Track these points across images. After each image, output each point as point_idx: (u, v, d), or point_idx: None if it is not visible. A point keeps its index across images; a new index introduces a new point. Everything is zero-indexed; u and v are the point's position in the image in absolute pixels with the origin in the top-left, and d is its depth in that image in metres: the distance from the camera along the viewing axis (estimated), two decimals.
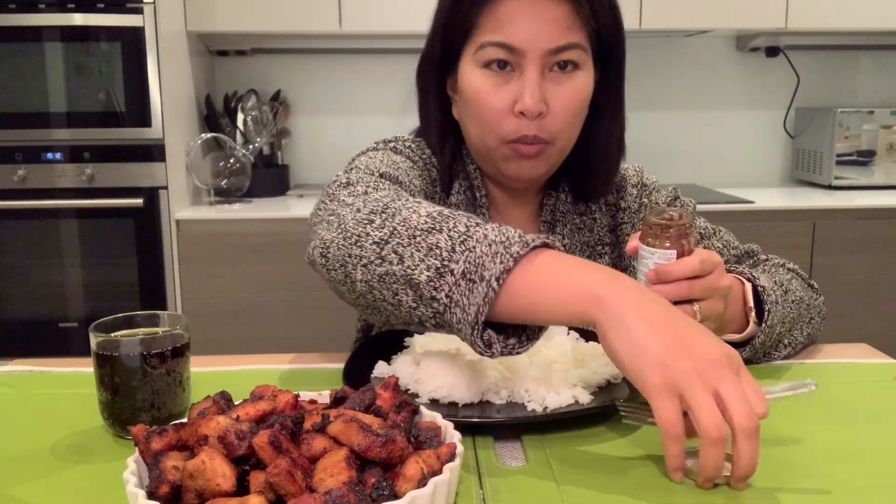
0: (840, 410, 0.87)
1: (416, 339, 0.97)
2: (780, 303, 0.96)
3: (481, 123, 1.03)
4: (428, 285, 0.72)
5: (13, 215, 2.51)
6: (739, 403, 0.61)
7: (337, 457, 0.56)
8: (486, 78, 1.01)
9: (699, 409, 0.62)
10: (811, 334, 1.05)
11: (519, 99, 0.99)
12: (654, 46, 3.11)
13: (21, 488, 0.69)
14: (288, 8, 2.64)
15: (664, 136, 3.13)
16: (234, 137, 2.82)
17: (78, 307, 2.55)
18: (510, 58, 0.99)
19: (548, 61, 0.99)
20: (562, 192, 1.14)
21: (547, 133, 1.01)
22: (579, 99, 1.02)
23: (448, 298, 0.71)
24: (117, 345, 0.78)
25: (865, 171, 2.89)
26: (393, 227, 0.76)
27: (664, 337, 0.65)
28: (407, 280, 0.73)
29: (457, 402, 0.83)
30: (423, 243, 0.73)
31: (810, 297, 1.07)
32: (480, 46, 1.00)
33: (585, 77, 1.02)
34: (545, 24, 0.97)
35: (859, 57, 3.16)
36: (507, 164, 1.05)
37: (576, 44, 0.99)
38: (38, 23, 2.41)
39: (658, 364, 0.64)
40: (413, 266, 0.73)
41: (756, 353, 0.97)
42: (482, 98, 1.01)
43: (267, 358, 1.07)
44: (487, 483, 0.69)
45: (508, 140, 1.02)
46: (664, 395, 0.63)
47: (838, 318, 2.61)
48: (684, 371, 0.63)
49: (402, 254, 0.74)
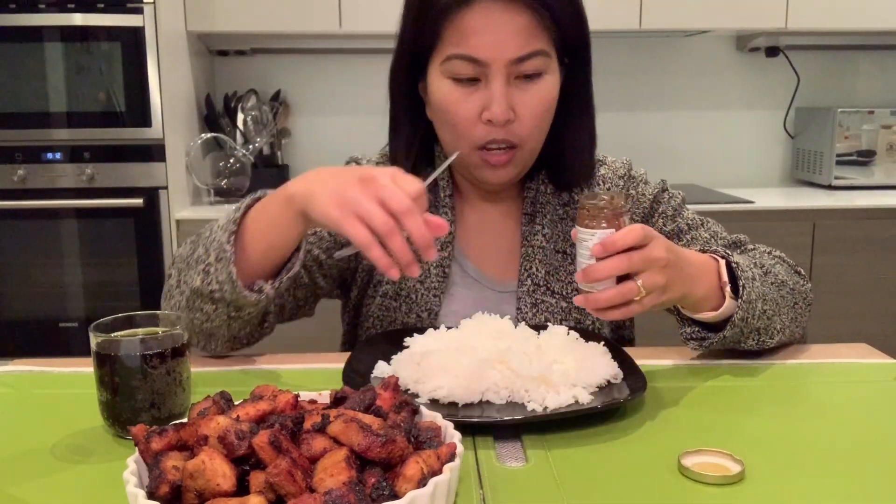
0: (840, 410, 0.87)
1: (416, 338, 0.97)
2: (758, 280, 0.97)
3: (452, 132, 1.06)
4: (204, 285, 0.94)
5: (13, 215, 2.50)
6: (392, 195, 0.80)
7: (337, 457, 0.56)
8: (454, 88, 1.03)
9: (369, 218, 0.80)
10: (796, 319, 1.05)
11: (487, 108, 1.01)
12: (654, 46, 3.11)
13: (21, 488, 0.69)
14: (288, 8, 2.63)
15: (664, 136, 3.13)
16: (234, 137, 2.82)
17: (78, 307, 2.55)
18: (476, 70, 1.01)
19: (513, 70, 1.01)
20: (541, 184, 1.15)
21: (516, 137, 1.04)
22: (546, 103, 1.04)
23: (218, 284, 0.93)
24: (117, 345, 0.78)
25: (865, 171, 2.89)
26: (179, 265, 1.00)
27: (334, 182, 0.85)
28: (195, 291, 0.95)
29: (457, 402, 0.83)
30: (192, 261, 0.96)
31: (795, 281, 1.07)
32: (446, 58, 1.02)
33: (551, 81, 1.04)
34: (508, 34, 0.99)
35: (859, 57, 3.16)
36: (479, 171, 1.08)
37: (539, 51, 1.01)
38: (38, 23, 2.40)
39: (335, 203, 0.83)
40: (191, 280, 0.95)
41: (742, 331, 0.96)
42: (451, 108, 1.04)
43: (267, 358, 1.07)
44: (487, 483, 0.69)
45: (479, 146, 1.04)
46: (347, 220, 0.81)
47: (838, 318, 2.62)
48: (351, 196, 0.82)
49: (185, 280, 0.97)
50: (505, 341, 0.91)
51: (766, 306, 0.97)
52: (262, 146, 2.88)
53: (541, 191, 1.15)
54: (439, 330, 0.98)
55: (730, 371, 0.98)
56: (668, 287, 0.87)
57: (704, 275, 0.94)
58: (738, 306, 0.94)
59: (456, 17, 1.00)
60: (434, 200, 1.15)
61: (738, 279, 0.95)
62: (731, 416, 0.85)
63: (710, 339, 0.97)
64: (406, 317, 1.13)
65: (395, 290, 1.14)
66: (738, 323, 0.95)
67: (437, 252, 1.06)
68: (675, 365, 1.01)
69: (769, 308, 0.98)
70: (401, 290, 1.13)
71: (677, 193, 1.18)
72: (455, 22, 1.00)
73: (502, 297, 1.14)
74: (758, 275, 0.99)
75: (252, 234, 0.94)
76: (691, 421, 0.83)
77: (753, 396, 0.91)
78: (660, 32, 2.97)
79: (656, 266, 0.85)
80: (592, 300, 0.85)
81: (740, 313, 0.94)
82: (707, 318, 0.96)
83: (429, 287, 1.13)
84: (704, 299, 0.95)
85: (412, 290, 1.13)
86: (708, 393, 0.91)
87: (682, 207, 1.18)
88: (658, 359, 1.03)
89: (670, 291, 0.88)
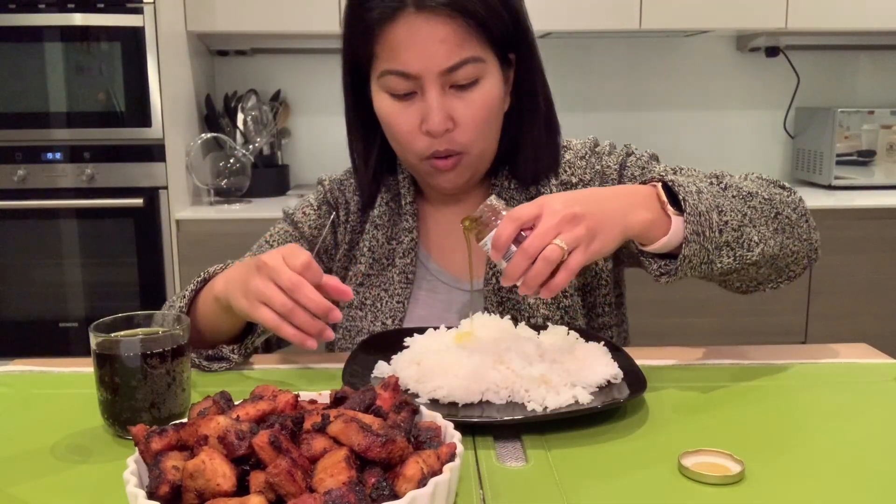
0: (840, 410, 0.87)
1: (416, 338, 0.97)
2: (706, 193, 0.92)
3: (397, 143, 1.07)
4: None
5: (13, 215, 2.50)
6: (279, 275, 0.87)
7: (337, 457, 0.56)
8: (392, 102, 1.04)
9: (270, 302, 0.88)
10: (784, 230, 0.98)
11: (425, 119, 1.01)
12: (654, 46, 3.11)
13: (21, 488, 0.69)
14: (288, 8, 2.63)
15: (664, 136, 3.13)
16: (234, 137, 2.82)
17: (78, 307, 2.55)
18: (410, 84, 1.01)
19: (446, 80, 1.00)
20: (504, 180, 1.14)
21: (458, 145, 1.04)
22: (485, 107, 1.03)
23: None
24: (117, 345, 0.78)
25: (865, 171, 2.89)
26: None
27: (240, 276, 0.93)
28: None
29: (457, 402, 0.83)
30: None
31: (772, 192, 1.01)
32: (381, 74, 1.03)
33: (490, 84, 1.03)
34: (434, 45, 0.98)
35: (859, 57, 3.16)
36: (430, 178, 1.09)
37: (469, 58, 1.00)
38: (38, 23, 2.40)
39: (242, 295, 0.91)
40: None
41: (705, 248, 0.90)
42: (391, 121, 1.04)
43: (267, 358, 1.07)
44: (487, 483, 0.69)
45: (423, 157, 1.05)
46: (255, 309, 0.89)
47: (838, 318, 2.62)
48: (252, 287, 0.89)
49: None
50: (505, 341, 0.91)
51: (728, 217, 0.92)
52: (262, 146, 2.88)
53: (505, 187, 1.14)
54: (439, 330, 0.98)
55: (730, 371, 0.98)
56: (596, 232, 0.84)
57: (639, 202, 0.90)
58: (686, 220, 0.89)
59: (383, 33, 1.00)
60: (397, 209, 1.16)
61: (677, 195, 0.90)
62: (731, 416, 0.85)
63: (674, 266, 0.91)
64: (372, 325, 1.13)
65: (360, 300, 1.15)
66: (693, 238, 0.88)
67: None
68: (675, 365, 1.01)
69: (732, 219, 0.92)
70: (365, 299, 1.15)
71: (644, 153, 1.15)
72: (383, 38, 1.00)
73: (469, 296, 1.13)
74: (709, 189, 0.94)
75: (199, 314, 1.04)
76: (691, 421, 0.83)
77: (753, 396, 0.90)
78: (660, 32, 2.97)
79: (565, 224, 0.83)
80: (529, 278, 0.83)
81: (690, 227, 0.88)
82: (660, 245, 0.91)
83: (392, 294, 1.13)
84: (650, 226, 0.89)
85: (377, 299, 1.14)
86: (708, 393, 0.91)
87: (650, 163, 1.14)
88: (658, 359, 1.03)
89: (601, 235, 0.85)
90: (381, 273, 1.15)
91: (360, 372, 0.92)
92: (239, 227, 2.54)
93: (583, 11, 2.68)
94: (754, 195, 0.97)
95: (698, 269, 0.92)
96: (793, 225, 1.00)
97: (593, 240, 0.84)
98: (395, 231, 1.15)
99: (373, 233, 1.15)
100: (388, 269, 1.15)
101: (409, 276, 1.13)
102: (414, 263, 1.14)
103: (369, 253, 1.15)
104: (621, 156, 1.15)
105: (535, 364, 0.87)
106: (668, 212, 0.90)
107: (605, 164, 1.15)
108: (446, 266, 1.16)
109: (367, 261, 1.15)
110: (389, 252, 1.15)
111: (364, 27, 1.01)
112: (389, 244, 1.15)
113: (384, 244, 1.15)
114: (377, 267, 1.15)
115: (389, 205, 1.16)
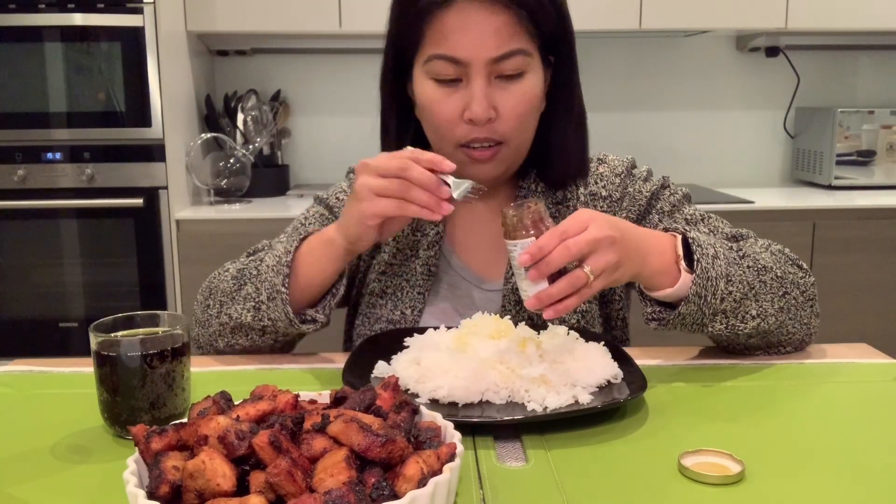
0: (840, 410, 0.87)
1: (416, 339, 0.97)
2: (722, 259, 0.94)
3: (435, 130, 1.07)
4: (255, 321, 1.03)
5: (13, 215, 2.50)
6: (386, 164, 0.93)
7: (337, 457, 0.56)
8: (436, 88, 1.04)
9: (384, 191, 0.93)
10: (789, 310, 1.00)
11: (468, 107, 1.02)
12: (654, 46, 3.11)
13: (21, 488, 0.69)
14: (288, 8, 2.63)
15: (664, 136, 3.12)
16: (234, 137, 2.82)
17: (78, 307, 2.55)
18: (457, 70, 1.02)
19: (493, 69, 1.01)
20: (532, 182, 1.15)
21: (498, 135, 1.04)
22: (527, 101, 1.04)
23: (270, 321, 1.02)
24: (117, 345, 0.78)
25: (865, 171, 2.89)
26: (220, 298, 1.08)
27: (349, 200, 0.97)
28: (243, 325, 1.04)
29: (457, 402, 0.83)
30: (238, 297, 1.05)
31: (787, 271, 1.02)
32: (428, 59, 1.03)
33: (533, 79, 1.04)
34: (487, 34, 0.99)
35: (859, 57, 3.16)
36: (463, 168, 1.08)
37: (518, 50, 1.01)
38: (38, 23, 2.40)
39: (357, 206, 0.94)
40: (238, 314, 1.04)
41: (702, 311, 0.93)
42: (433, 107, 1.04)
43: (267, 358, 1.07)
44: (487, 483, 0.69)
45: (462, 144, 1.05)
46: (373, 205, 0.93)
47: (838, 318, 2.62)
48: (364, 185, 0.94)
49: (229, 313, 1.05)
50: (505, 341, 0.91)
51: (734, 287, 0.94)
52: (262, 146, 2.88)
53: (532, 189, 1.15)
54: (439, 330, 0.98)
55: (730, 371, 0.98)
56: (621, 263, 0.87)
57: (658, 250, 0.93)
58: (693, 281, 0.91)
59: (436, 18, 1.01)
60: None
61: (693, 253, 0.93)
62: (731, 416, 0.85)
63: (667, 317, 0.95)
64: (391, 313, 1.14)
65: (382, 287, 1.15)
66: (694, 299, 0.92)
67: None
68: (675, 365, 1.01)
69: (738, 290, 0.94)
70: (387, 287, 1.15)
71: (679, 190, 1.17)
72: (435, 22, 1.01)
73: (488, 295, 1.14)
74: (726, 255, 0.96)
75: (301, 275, 1.02)
76: (691, 421, 0.83)
77: (753, 396, 0.90)
78: (660, 32, 2.97)
79: (604, 245, 0.85)
80: (546, 296, 0.84)
81: (695, 288, 0.91)
82: (663, 294, 0.94)
83: (414, 284, 1.14)
84: (659, 274, 0.93)
85: (398, 288, 1.15)
86: (708, 393, 0.91)
87: (682, 204, 1.16)
88: (658, 359, 1.03)
89: (622, 268, 0.88)
90: (403, 263, 1.15)
91: (360, 372, 0.92)
92: (239, 227, 2.54)
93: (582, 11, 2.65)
94: (768, 269, 1.00)
95: (689, 327, 0.96)
96: (797, 307, 1.02)
97: (616, 270, 0.87)
98: (421, 222, 1.15)
99: None
100: (411, 260, 1.15)
101: (431, 268, 1.14)
102: (437, 256, 1.14)
103: (393, 242, 1.16)
104: (656, 186, 1.16)
105: (535, 364, 0.87)
106: (680, 267, 0.94)
107: (637, 189, 1.16)
108: (468, 262, 1.16)
109: (392, 250, 1.16)
110: (414, 243, 1.15)
111: (416, 10, 1.02)
112: (414, 235, 1.15)
113: (409, 234, 1.15)
114: (400, 257, 1.16)
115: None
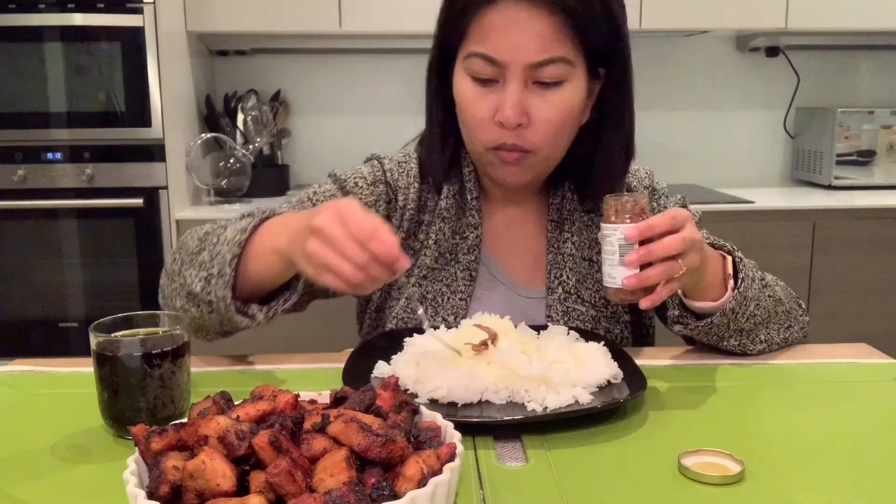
0: (840, 410, 0.87)
1: (415, 338, 0.97)
2: (757, 283, 1.00)
3: (467, 129, 1.06)
4: (203, 293, 0.96)
5: (13, 215, 2.50)
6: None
7: (337, 457, 0.56)
8: (472, 86, 1.03)
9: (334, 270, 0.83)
10: (787, 340, 1.07)
11: (500, 109, 1.00)
12: (654, 46, 3.10)
13: (21, 488, 0.69)
14: (288, 8, 2.63)
15: (664, 136, 3.13)
16: (234, 137, 2.82)
17: (78, 307, 2.55)
18: (494, 70, 1.00)
19: (531, 74, 0.99)
20: (567, 192, 1.14)
21: (527, 143, 1.02)
22: (563, 111, 1.02)
23: (215, 297, 0.95)
24: (117, 345, 0.78)
25: (865, 171, 2.88)
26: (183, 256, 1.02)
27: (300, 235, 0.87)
28: (193, 293, 0.97)
29: (457, 402, 0.83)
30: (196, 261, 0.98)
31: (793, 307, 1.10)
32: (467, 55, 1.02)
33: (573, 90, 1.02)
34: (528, 37, 0.97)
35: (859, 57, 3.16)
36: (492, 169, 1.08)
37: (559, 58, 0.98)
38: (38, 23, 2.40)
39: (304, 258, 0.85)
40: (191, 280, 0.98)
41: (728, 325, 0.99)
42: (467, 105, 1.04)
43: (267, 358, 1.07)
44: (487, 483, 0.69)
45: (490, 147, 1.04)
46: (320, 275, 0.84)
47: (838, 318, 2.62)
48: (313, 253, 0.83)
49: (185, 275, 0.99)
50: (505, 341, 0.91)
51: (758, 311, 1.00)
52: (262, 146, 2.87)
53: (567, 198, 1.14)
54: (439, 330, 0.98)
55: (730, 371, 0.98)
56: (697, 267, 0.90)
57: (713, 266, 0.97)
58: (734, 297, 0.96)
59: (479, 15, 0.99)
60: (461, 202, 1.13)
61: (739, 272, 0.98)
62: (731, 416, 0.85)
63: (697, 324, 0.99)
64: (432, 320, 1.10)
65: (422, 293, 1.12)
66: (728, 314, 0.97)
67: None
68: (675, 365, 1.01)
69: (760, 314, 1.00)
70: (427, 293, 1.12)
71: (697, 212, 1.17)
72: (478, 19, 1.00)
73: (530, 302, 1.12)
74: (759, 280, 1.01)
75: (252, 261, 0.96)
76: (691, 421, 0.83)
77: (753, 396, 0.91)
78: (660, 32, 2.97)
79: (696, 247, 0.88)
80: (644, 277, 0.86)
81: (732, 304, 0.96)
82: (704, 306, 0.98)
83: (455, 290, 1.11)
84: (709, 287, 0.97)
85: (438, 294, 1.12)
86: (708, 393, 0.91)
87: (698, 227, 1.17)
88: (658, 359, 1.03)
89: (695, 273, 0.90)
90: (444, 268, 1.13)
91: (360, 372, 0.92)
92: None
93: None
94: (782, 302, 1.06)
95: (708, 336, 1.00)
96: (793, 342, 1.09)
97: (694, 272, 0.90)
98: (460, 225, 1.13)
99: (439, 225, 1.13)
100: (451, 265, 1.12)
101: (472, 273, 1.12)
102: (478, 261, 1.13)
103: (435, 246, 1.12)
104: (678, 205, 1.17)
105: (535, 364, 0.87)
106: (728, 285, 0.98)
107: (662, 205, 1.18)
108: (507, 269, 1.15)
109: (433, 254, 1.12)
110: (453, 247, 1.13)
111: (462, 5, 1.01)
112: (454, 238, 1.13)
113: (449, 238, 1.13)
114: (441, 261, 1.13)
115: (455, 198, 1.13)
